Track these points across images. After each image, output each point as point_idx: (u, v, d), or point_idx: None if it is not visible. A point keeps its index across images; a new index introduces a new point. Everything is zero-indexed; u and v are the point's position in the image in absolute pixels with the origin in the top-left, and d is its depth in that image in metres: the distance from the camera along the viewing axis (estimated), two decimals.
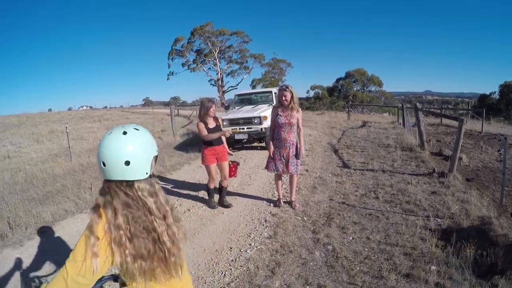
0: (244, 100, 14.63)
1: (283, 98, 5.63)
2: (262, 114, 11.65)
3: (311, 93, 56.49)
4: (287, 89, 5.62)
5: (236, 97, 15.28)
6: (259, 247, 4.97)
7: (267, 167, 6.22)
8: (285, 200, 6.80)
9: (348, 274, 4.18)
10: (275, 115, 5.83)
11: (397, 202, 6.49)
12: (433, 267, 4.21)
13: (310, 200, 6.79)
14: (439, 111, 24.97)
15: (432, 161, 9.97)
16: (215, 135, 5.77)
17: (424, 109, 15.05)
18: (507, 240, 4.81)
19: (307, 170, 9.24)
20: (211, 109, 5.77)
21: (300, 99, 6.44)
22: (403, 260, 4.42)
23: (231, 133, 6.17)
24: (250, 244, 5.09)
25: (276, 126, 5.84)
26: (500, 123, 22.24)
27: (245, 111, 12.53)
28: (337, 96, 53.86)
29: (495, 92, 45.57)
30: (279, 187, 6.55)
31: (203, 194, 7.47)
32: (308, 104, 51.23)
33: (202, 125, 5.75)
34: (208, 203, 6.44)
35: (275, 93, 13.67)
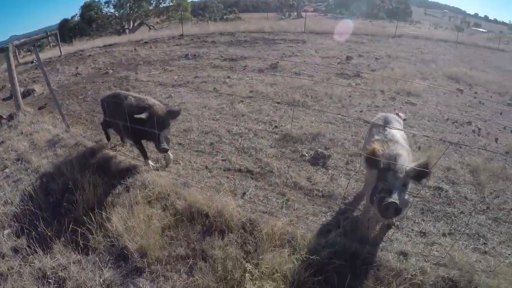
0: None
1: None
2: None
3: None
4: None
5: None
6: None
7: None
8: None
9: None
10: None
11: None
12: (6, 231, 4.06)
13: None
14: None
15: (4, 108, 9.48)
16: None
17: None
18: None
19: None
20: None
21: None
22: None
23: None
24: None
25: None
26: (84, 41, 24.64)
27: None
28: None
29: (77, 14, 50.37)
30: None
31: None
32: None
33: None
34: None
35: None
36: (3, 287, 3.27)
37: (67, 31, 34.89)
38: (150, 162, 5.02)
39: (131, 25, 44.24)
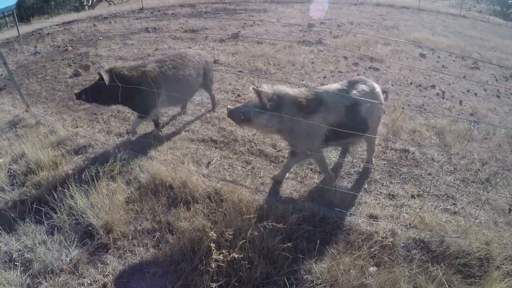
0: None
1: None
2: None
3: None
4: None
5: None
6: None
7: None
8: None
9: None
10: None
11: None
12: None
13: None
14: None
15: None
16: None
17: None
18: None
19: None
20: None
21: None
22: None
23: None
24: None
25: None
26: (43, 19, 23.24)
27: None
28: None
29: None
30: None
31: None
32: None
33: None
34: None
35: None
36: None
37: (24, 10, 32.60)
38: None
39: (90, 1, 42.06)
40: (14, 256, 3.11)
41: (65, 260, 2.99)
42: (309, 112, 3.26)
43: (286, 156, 4.36)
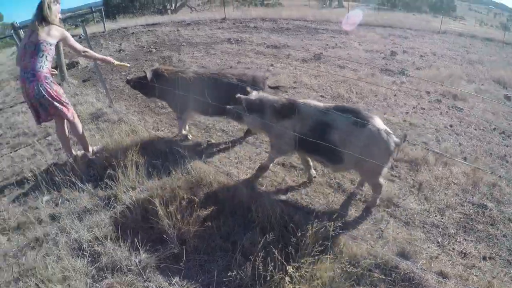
0: None
1: None
2: None
3: None
4: None
5: None
6: None
7: None
8: None
9: None
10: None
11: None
12: (45, 198, 4.07)
13: None
14: None
15: None
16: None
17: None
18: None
19: None
20: None
21: None
22: None
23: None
24: None
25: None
26: (127, 19, 24.84)
27: None
28: None
29: None
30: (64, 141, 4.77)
31: None
32: None
33: None
34: None
35: None
36: (37, 251, 3.26)
37: (111, 8, 35.12)
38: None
39: (173, 5, 44.34)
40: (83, 245, 3.25)
41: (134, 261, 3.07)
42: (283, 117, 3.74)
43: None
